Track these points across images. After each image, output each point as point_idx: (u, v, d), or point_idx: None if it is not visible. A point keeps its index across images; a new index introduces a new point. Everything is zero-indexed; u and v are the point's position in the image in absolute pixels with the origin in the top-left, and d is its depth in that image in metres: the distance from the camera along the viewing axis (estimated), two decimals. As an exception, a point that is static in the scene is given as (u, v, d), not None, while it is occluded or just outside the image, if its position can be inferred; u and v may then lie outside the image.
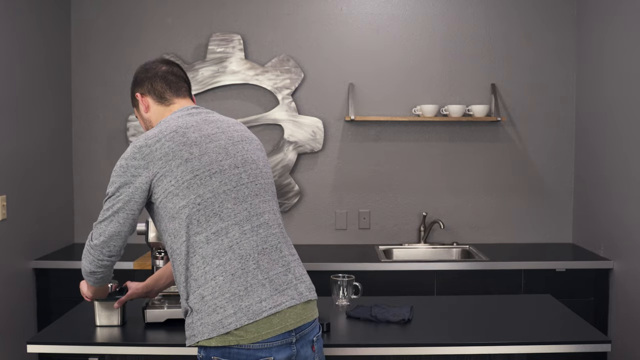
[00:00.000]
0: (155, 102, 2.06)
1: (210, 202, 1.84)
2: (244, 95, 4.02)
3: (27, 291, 3.48)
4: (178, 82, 2.08)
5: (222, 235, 1.83)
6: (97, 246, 1.89)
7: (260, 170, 1.96)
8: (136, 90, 2.09)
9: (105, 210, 1.88)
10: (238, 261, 1.82)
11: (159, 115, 2.05)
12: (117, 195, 1.87)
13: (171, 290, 2.50)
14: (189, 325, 1.85)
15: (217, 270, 1.81)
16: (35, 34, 3.56)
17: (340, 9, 4.01)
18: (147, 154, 1.86)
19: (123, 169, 1.87)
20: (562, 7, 4.00)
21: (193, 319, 1.83)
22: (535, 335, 2.31)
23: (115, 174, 1.88)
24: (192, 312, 1.83)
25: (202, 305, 1.81)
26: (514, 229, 4.08)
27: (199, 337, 1.81)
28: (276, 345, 1.81)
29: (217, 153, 1.89)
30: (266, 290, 1.82)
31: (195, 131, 1.92)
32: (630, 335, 3.30)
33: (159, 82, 2.06)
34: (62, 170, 3.93)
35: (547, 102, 4.03)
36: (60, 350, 2.23)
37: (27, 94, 3.48)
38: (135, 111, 2.14)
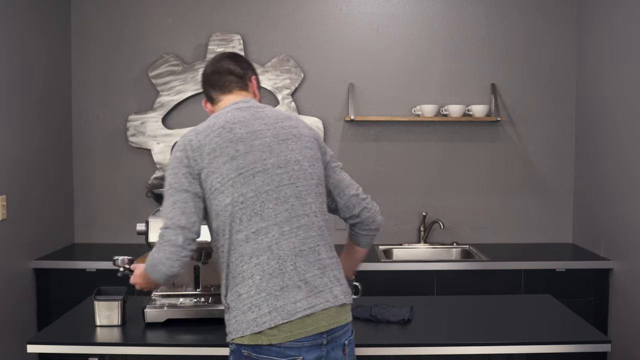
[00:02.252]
0: (211, 105, 2.12)
1: (252, 201, 1.85)
2: (244, 95, 4.01)
3: (27, 291, 3.48)
4: (222, 79, 2.07)
5: (261, 235, 1.85)
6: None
7: (304, 171, 1.93)
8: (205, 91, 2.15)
9: (173, 203, 1.88)
10: (276, 261, 1.84)
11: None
12: (177, 184, 1.88)
13: (172, 291, 2.50)
14: (226, 322, 1.89)
15: (255, 269, 1.83)
16: (35, 34, 3.56)
17: (340, 9, 4.01)
18: (196, 147, 1.89)
19: (178, 160, 1.89)
20: (562, 7, 4.00)
21: (229, 317, 1.87)
22: (535, 335, 2.31)
23: (168, 171, 1.91)
24: (229, 309, 1.87)
25: (238, 302, 1.84)
26: (514, 229, 4.08)
27: (233, 335, 1.85)
28: (306, 345, 1.83)
29: (261, 151, 1.90)
30: (302, 291, 1.84)
31: (242, 127, 1.92)
32: (630, 335, 3.30)
33: (207, 87, 2.11)
34: (62, 170, 3.93)
35: (547, 102, 4.03)
36: (60, 350, 2.23)
37: (27, 94, 3.48)
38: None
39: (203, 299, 2.44)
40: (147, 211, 2.74)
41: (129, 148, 4.02)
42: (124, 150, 4.03)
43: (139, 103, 4.02)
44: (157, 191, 2.48)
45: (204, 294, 2.49)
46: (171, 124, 4.02)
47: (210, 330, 2.31)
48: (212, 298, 2.46)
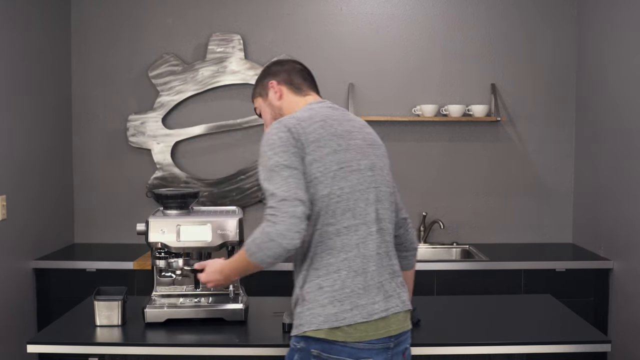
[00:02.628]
0: (290, 92, 2.08)
1: (347, 197, 1.87)
2: (243, 95, 4.02)
3: (27, 291, 3.48)
4: (312, 80, 2.15)
5: (352, 232, 1.86)
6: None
7: (384, 178, 1.99)
8: (269, 78, 2.11)
9: (287, 177, 1.83)
10: (361, 260, 1.86)
11: (292, 104, 2.07)
12: (287, 162, 1.83)
13: (172, 291, 2.50)
14: (298, 314, 1.87)
15: (342, 264, 1.84)
16: (35, 34, 3.56)
17: (340, 9, 4.01)
18: (300, 133, 1.86)
19: (283, 140, 1.85)
20: (562, 7, 4.00)
21: (303, 309, 1.85)
22: (535, 335, 2.31)
23: (271, 151, 1.84)
24: (303, 301, 1.86)
25: (319, 295, 1.83)
26: (514, 229, 4.08)
27: (306, 327, 1.82)
28: (377, 347, 1.85)
29: (356, 151, 1.93)
30: (379, 293, 1.87)
31: (340, 125, 1.94)
32: (630, 335, 3.30)
33: (296, 75, 2.11)
34: (62, 170, 3.93)
35: (547, 102, 4.03)
36: (60, 350, 2.23)
37: (27, 94, 3.48)
38: (260, 100, 2.14)
39: (203, 299, 2.44)
40: (147, 211, 2.73)
41: (129, 148, 4.02)
42: (124, 150, 4.03)
43: (139, 103, 4.02)
44: (157, 191, 2.48)
45: (204, 294, 2.49)
46: (171, 124, 4.02)
47: (210, 330, 2.32)
48: (212, 298, 2.46)
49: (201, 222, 2.37)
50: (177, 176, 3.99)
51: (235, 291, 2.44)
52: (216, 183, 4.01)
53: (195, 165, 4.06)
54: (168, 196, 2.45)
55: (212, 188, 4.01)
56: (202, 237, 2.35)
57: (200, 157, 4.05)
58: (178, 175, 3.99)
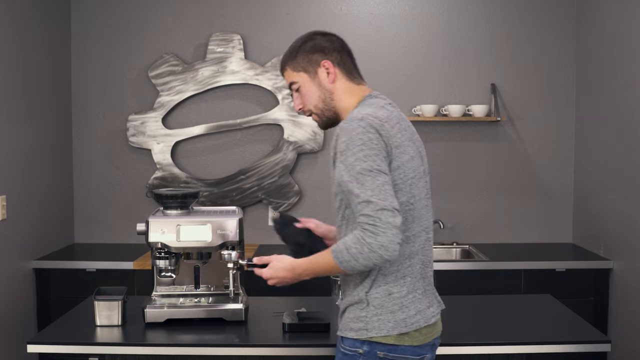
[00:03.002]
0: (344, 76, 1.97)
1: (417, 204, 1.86)
2: (243, 95, 4.02)
3: (27, 291, 3.48)
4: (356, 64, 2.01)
5: (417, 238, 1.87)
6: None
7: (429, 184, 1.98)
8: (321, 56, 1.96)
9: (383, 184, 1.74)
10: (420, 265, 1.88)
11: (345, 91, 1.95)
12: (380, 167, 1.74)
13: (172, 291, 2.50)
14: (360, 318, 1.83)
15: (407, 270, 1.85)
16: (35, 34, 3.56)
17: (340, 9, 4.01)
18: (387, 137, 1.78)
19: (374, 142, 1.75)
20: (562, 8, 4.00)
21: (368, 313, 1.83)
22: (535, 335, 2.31)
23: (361, 152, 1.74)
24: (368, 305, 1.83)
25: (387, 301, 1.82)
26: (514, 229, 4.08)
27: (373, 333, 1.81)
28: (430, 345, 1.91)
29: (420, 157, 1.92)
30: (432, 296, 1.93)
31: (408, 127, 1.90)
32: (630, 335, 3.30)
33: (347, 58, 2.00)
34: (62, 170, 3.93)
35: (547, 102, 4.03)
36: (60, 350, 2.23)
37: (27, 94, 3.48)
38: (305, 77, 1.98)
39: (203, 299, 2.44)
40: (147, 211, 2.74)
41: (129, 148, 4.02)
42: (124, 150, 4.03)
43: (139, 103, 4.02)
44: (157, 191, 2.48)
45: (204, 294, 2.49)
46: (171, 124, 4.02)
47: (210, 330, 2.32)
48: (212, 298, 2.46)
49: (201, 222, 2.37)
50: (177, 176, 3.99)
51: (235, 291, 2.44)
52: (216, 183, 4.01)
53: (195, 165, 4.06)
54: (168, 196, 2.45)
55: (212, 188, 4.01)
56: (202, 237, 2.35)
57: (200, 157, 4.05)
58: (178, 175, 3.99)
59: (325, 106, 1.96)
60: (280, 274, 1.95)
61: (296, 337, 2.25)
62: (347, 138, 1.77)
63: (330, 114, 1.97)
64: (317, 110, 1.97)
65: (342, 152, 1.77)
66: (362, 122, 1.78)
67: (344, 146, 1.77)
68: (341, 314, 1.92)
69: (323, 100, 1.96)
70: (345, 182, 1.76)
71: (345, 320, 1.88)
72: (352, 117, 1.81)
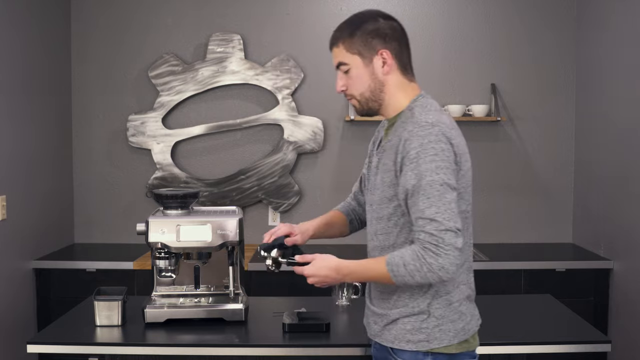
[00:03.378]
0: (398, 70, 1.86)
1: (470, 213, 1.86)
2: (243, 95, 4.02)
3: (27, 291, 3.48)
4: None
5: (467, 247, 1.86)
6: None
7: None
8: (381, 43, 1.83)
9: (449, 203, 1.70)
10: (468, 271, 1.87)
11: (398, 87, 1.85)
12: (451, 181, 1.72)
13: (172, 291, 2.50)
14: (421, 329, 1.80)
15: (461, 277, 1.84)
16: (35, 34, 3.56)
17: (340, 9, 4.01)
18: (456, 146, 1.76)
19: (447, 154, 1.72)
20: (562, 7, 4.00)
21: (429, 325, 1.79)
22: (535, 335, 2.31)
23: (434, 163, 1.69)
24: (429, 316, 1.80)
25: (448, 311, 1.80)
26: (514, 229, 4.08)
27: (435, 344, 1.79)
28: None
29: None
30: (474, 299, 1.92)
31: (461, 133, 1.86)
32: (630, 335, 3.30)
33: (406, 50, 1.89)
34: (62, 170, 3.93)
35: (547, 102, 4.03)
36: (60, 350, 2.23)
37: (27, 94, 3.48)
38: (359, 61, 1.84)
39: (203, 299, 2.44)
40: (147, 211, 2.73)
41: (129, 148, 4.02)
42: (124, 150, 4.03)
43: (139, 103, 4.02)
44: (157, 191, 2.48)
45: (204, 294, 2.49)
46: (171, 124, 4.02)
47: (210, 330, 2.32)
48: (212, 298, 2.46)
49: (201, 222, 2.37)
50: (177, 176, 3.99)
51: (235, 291, 2.44)
52: (216, 183, 4.01)
53: (195, 165, 4.06)
54: (168, 196, 2.45)
55: (212, 188, 4.01)
56: (202, 237, 2.35)
57: (200, 157, 4.05)
58: (178, 175, 3.99)
59: (372, 96, 1.85)
60: (323, 272, 1.86)
61: (296, 337, 2.25)
62: (419, 145, 1.70)
63: (375, 105, 1.87)
64: (361, 98, 1.86)
65: (413, 160, 1.70)
66: (434, 129, 1.71)
67: (414, 153, 1.70)
68: (387, 324, 1.85)
69: (372, 90, 1.85)
70: (412, 192, 1.70)
71: (400, 331, 1.82)
72: (422, 121, 1.73)
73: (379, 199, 1.83)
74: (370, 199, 1.91)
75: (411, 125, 1.75)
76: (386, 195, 1.81)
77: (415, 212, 1.71)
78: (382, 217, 1.84)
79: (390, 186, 1.79)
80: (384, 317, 1.86)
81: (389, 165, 1.80)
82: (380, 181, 1.82)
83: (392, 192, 1.79)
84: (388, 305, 1.85)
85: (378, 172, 1.85)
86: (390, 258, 1.74)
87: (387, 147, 1.83)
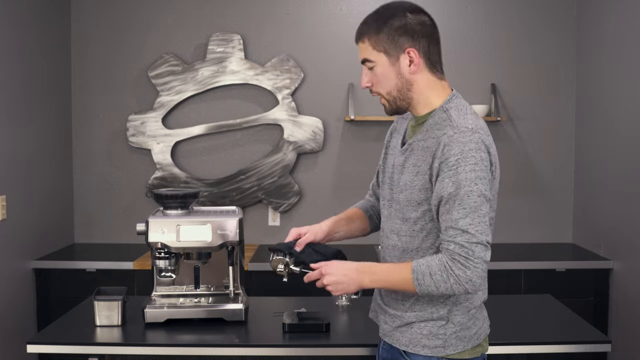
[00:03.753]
0: (427, 68, 1.79)
1: (494, 220, 1.83)
2: (243, 95, 4.02)
3: (27, 291, 3.48)
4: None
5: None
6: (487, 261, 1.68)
7: None
8: (409, 42, 1.76)
9: (484, 216, 1.67)
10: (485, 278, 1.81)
11: (427, 86, 1.79)
12: (487, 192, 1.68)
13: (172, 291, 2.50)
14: (438, 335, 1.76)
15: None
16: (35, 34, 3.56)
17: (340, 9, 4.01)
18: (493, 155, 1.74)
19: (485, 163, 1.68)
20: (562, 7, 4.00)
21: (447, 331, 1.76)
22: (535, 335, 2.31)
23: (474, 173, 1.65)
24: (448, 322, 1.77)
25: (466, 318, 1.78)
26: (514, 229, 4.08)
27: (450, 350, 1.76)
28: None
29: None
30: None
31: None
32: (630, 335, 3.30)
33: (435, 47, 1.82)
34: (62, 170, 3.93)
35: (547, 102, 4.03)
36: (60, 350, 2.23)
37: (27, 94, 3.48)
38: (385, 59, 1.76)
39: (203, 299, 2.44)
40: (147, 211, 2.74)
41: (129, 148, 4.02)
42: (124, 150, 4.03)
43: (139, 103, 4.02)
44: (157, 191, 2.48)
45: (204, 294, 2.49)
46: (171, 124, 4.02)
47: (210, 330, 2.32)
48: (212, 298, 2.46)
49: (201, 222, 2.37)
50: (177, 176, 3.99)
51: (235, 291, 2.44)
52: (216, 183, 4.01)
53: (195, 165, 4.06)
54: (168, 196, 2.45)
55: (212, 188, 4.01)
56: (202, 237, 2.35)
57: (200, 157, 4.05)
58: (178, 175, 3.99)
59: (399, 95, 1.79)
60: (342, 272, 1.78)
61: (296, 337, 2.25)
62: (460, 152, 1.65)
63: (403, 104, 1.81)
64: (389, 96, 1.81)
65: (452, 167, 1.65)
66: (474, 135, 1.67)
67: (454, 160, 1.64)
68: (400, 326, 1.81)
69: (399, 90, 1.79)
70: (447, 200, 1.65)
71: (416, 335, 1.78)
72: (462, 126, 1.68)
73: (406, 200, 1.77)
74: (392, 196, 1.83)
75: (450, 129, 1.68)
76: (415, 199, 1.75)
77: (446, 220, 1.66)
78: (407, 219, 1.78)
79: (421, 190, 1.73)
80: (397, 318, 1.82)
81: (422, 168, 1.73)
82: (409, 182, 1.76)
83: (423, 196, 1.73)
84: (403, 308, 1.81)
85: (404, 172, 1.78)
86: (417, 266, 1.69)
87: (418, 148, 1.75)
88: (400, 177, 1.80)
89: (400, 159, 1.82)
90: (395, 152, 1.87)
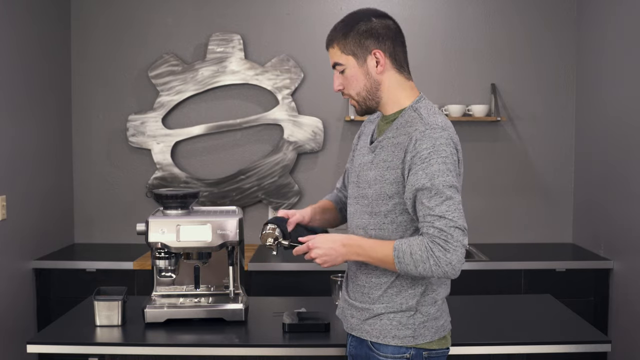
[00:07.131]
0: (393, 68, 1.89)
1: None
2: (243, 95, 4.02)
3: (27, 291, 3.48)
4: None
5: None
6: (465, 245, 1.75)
7: None
8: (374, 44, 1.85)
9: (458, 204, 1.75)
10: None
11: (393, 85, 1.88)
12: (457, 184, 1.77)
13: (172, 291, 2.50)
14: (407, 325, 1.84)
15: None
16: (35, 34, 3.56)
17: (340, 9, 4.01)
18: (459, 150, 1.82)
19: (453, 157, 1.77)
20: (561, 8, 4.00)
21: (416, 321, 1.84)
22: (535, 335, 2.31)
23: (445, 165, 1.74)
24: (416, 313, 1.84)
25: (432, 308, 1.86)
26: (514, 229, 4.08)
27: (419, 340, 1.84)
28: None
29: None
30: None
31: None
32: (630, 335, 3.30)
33: (400, 49, 1.92)
34: (62, 170, 3.93)
35: (547, 102, 4.03)
36: (60, 350, 2.23)
37: (27, 94, 3.48)
38: (353, 62, 1.87)
39: (203, 299, 2.44)
40: (147, 211, 2.73)
41: (129, 148, 4.02)
42: (124, 150, 4.03)
43: (139, 103, 4.02)
44: (157, 191, 2.48)
45: (204, 294, 2.49)
46: (171, 124, 4.02)
47: (210, 330, 2.32)
48: (212, 298, 2.46)
49: (201, 222, 2.37)
50: (177, 176, 3.99)
51: (235, 291, 2.44)
52: (216, 183, 4.01)
53: (195, 165, 4.06)
54: (168, 196, 2.45)
55: (212, 188, 4.01)
56: (202, 237, 2.35)
57: (200, 157, 4.05)
58: (178, 175, 3.99)
59: (369, 95, 1.88)
60: (328, 245, 1.84)
61: (296, 337, 2.25)
62: (431, 146, 1.74)
63: (373, 104, 1.90)
64: (358, 97, 1.89)
65: (424, 160, 1.73)
66: (444, 132, 1.76)
67: (426, 153, 1.73)
68: (368, 318, 1.87)
69: (368, 90, 1.88)
70: (422, 191, 1.73)
71: (385, 326, 1.85)
72: (433, 123, 1.77)
73: (376, 194, 1.84)
74: (360, 193, 1.90)
75: (422, 125, 1.77)
76: (386, 192, 1.82)
77: (423, 209, 1.73)
78: (377, 213, 1.85)
79: (392, 183, 1.80)
80: (365, 311, 1.88)
81: (393, 163, 1.80)
82: (380, 177, 1.83)
83: (394, 189, 1.80)
84: (369, 300, 1.88)
85: (373, 168, 1.85)
86: (398, 244, 1.76)
87: (389, 144, 1.83)
88: (368, 173, 1.87)
89: (369, 157, 1.89)
90: (363, 152, 1.95)
